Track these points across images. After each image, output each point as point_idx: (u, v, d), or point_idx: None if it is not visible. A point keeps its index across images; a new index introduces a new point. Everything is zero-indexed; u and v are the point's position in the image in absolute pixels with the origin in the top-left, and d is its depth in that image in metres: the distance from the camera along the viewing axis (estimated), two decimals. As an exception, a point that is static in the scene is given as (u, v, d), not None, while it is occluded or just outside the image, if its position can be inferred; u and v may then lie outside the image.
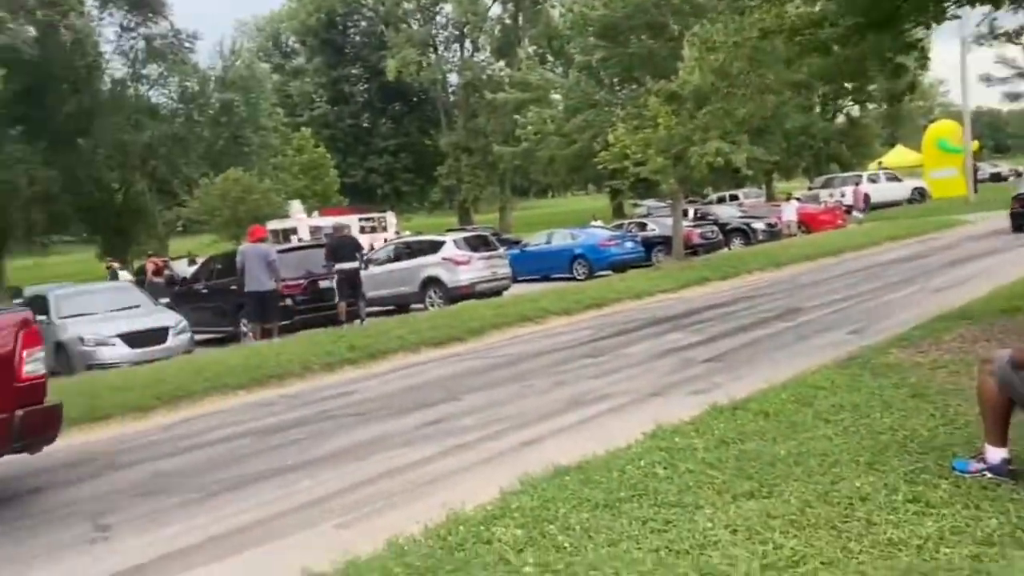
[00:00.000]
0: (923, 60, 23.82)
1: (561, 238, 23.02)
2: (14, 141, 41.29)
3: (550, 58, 47.29)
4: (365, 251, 17.28)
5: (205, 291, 16.24)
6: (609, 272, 20.28)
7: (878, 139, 53.89)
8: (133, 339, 12.52)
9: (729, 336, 10.47)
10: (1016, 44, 18.11)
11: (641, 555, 3.50)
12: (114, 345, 12.39)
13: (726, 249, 24.49)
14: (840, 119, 47.39)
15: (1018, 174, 44.33)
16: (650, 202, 37.46)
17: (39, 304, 13.92)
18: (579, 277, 21.00)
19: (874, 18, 9.41)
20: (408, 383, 9.66)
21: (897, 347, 7.76)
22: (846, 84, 33.11)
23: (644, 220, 26.51)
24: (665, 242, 22.61)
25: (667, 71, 20.05)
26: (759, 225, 26.39)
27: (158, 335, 12.82)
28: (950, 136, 37.95)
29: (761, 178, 45.63)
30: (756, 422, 5.65)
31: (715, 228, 25.33)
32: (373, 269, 17.39)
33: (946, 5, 9.61)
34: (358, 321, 14.54)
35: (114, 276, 24.26)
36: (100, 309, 13.42)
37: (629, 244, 22.31)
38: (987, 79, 41.96)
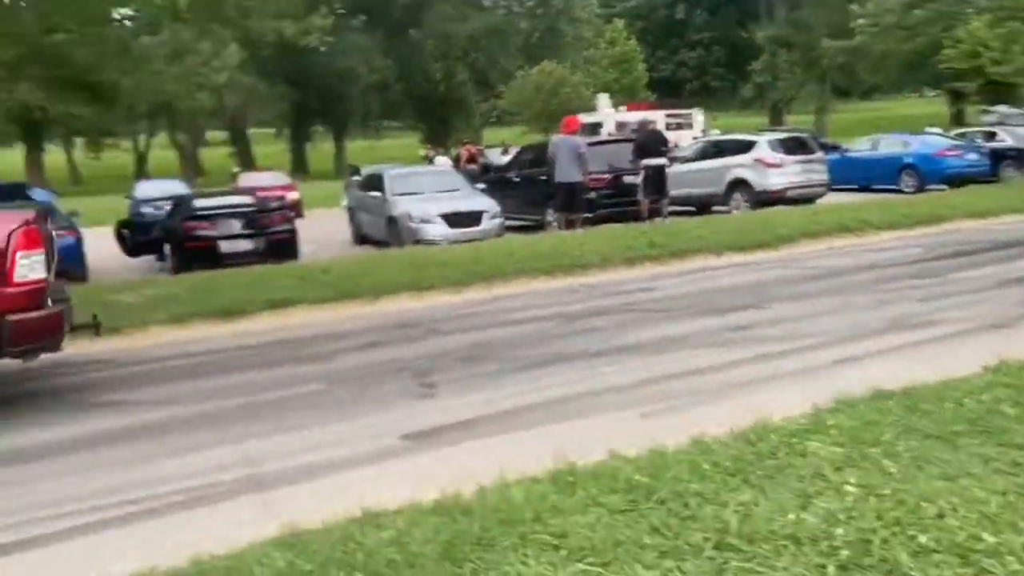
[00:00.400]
0: None
1: (889, 144, 20.87)
2: (356, 31, 45.56)
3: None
4: (670, 148, 16.94)
5: (517, 180, 16.98)
6: (943, 187, 18.09)
7: None
8: (452, 219, 13.51)
9: (1097, 269, 8.94)
10: None
11: (984, 495, 3.14)
12: (436, 223, 13.47)
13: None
14: None
15: None
16: (1003, 108, 32.53)
17: (375, 182, 15.53)
18: (907, 189, 19.02)
19: None
20: (711, 285, 9.46)
21: None
22: None
23: (993, 129, 23.08)
24: (1018, 155, 19.61)
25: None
26: None
27: (474, 217, 13.72)
28: None
29: None
30: None
31: (1086, 142, 21.43)
32: (677, 167, 17.01)
33: None
34: (659, 219, 14.43)
35: (430, 162, 26.14)
36: (426, 190, 14.59)
37: (972, 155, 19.64)
38: None
